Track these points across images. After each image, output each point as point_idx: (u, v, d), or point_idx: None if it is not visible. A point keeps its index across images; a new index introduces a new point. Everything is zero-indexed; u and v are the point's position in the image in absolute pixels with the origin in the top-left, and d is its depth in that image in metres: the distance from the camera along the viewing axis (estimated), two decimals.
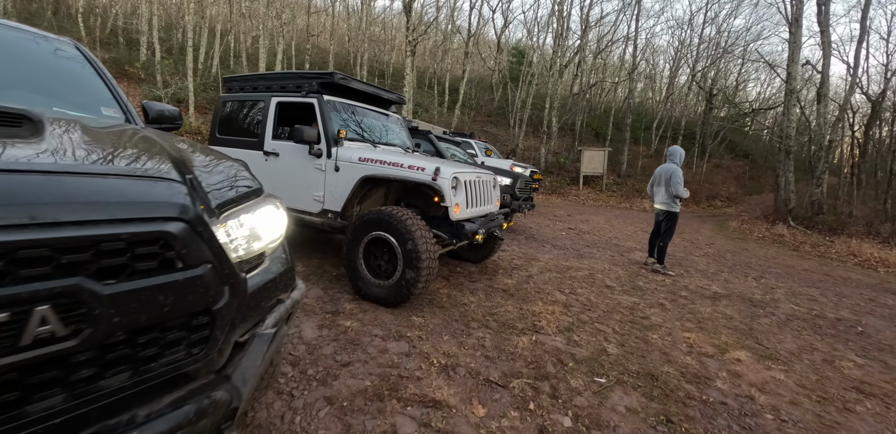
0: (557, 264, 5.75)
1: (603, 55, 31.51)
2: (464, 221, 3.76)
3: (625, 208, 17.29)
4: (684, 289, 5.26)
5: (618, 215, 13.65)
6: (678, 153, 6.07)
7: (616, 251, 7.27)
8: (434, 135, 8.12)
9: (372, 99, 5.04)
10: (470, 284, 4.42)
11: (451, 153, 7.91)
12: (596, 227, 10.04)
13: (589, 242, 7.88)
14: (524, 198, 7.60)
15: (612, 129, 24.30)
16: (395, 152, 4.34)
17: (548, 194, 17.86)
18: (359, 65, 25.02)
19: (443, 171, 3.59)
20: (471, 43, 22.80)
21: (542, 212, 12.01)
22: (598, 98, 32.81)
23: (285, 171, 4.59)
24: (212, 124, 5.51)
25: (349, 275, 3.77)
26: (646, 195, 19.76)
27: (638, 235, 9.51)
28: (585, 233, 9.03)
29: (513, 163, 10.75)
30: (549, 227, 9.29)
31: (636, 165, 22.91)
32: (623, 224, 11.39)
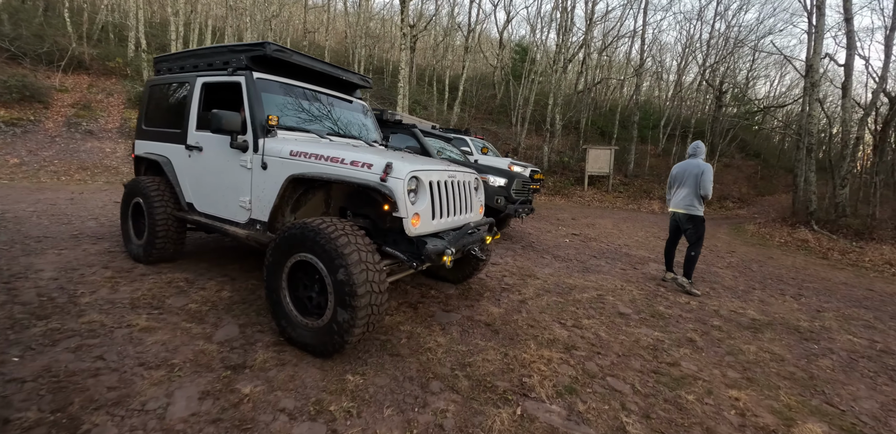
0: (558, 282, 4.70)
1: (608, 52, 30.33)
2: (427, 237, 2.73)
3: (633, 210, 16.16)
4: (715, 314, 4.20)
5: (626, 218, 12.55)
6: (701, 148, 5.07)
7: (627, 263, 6.20)
8: (419, 129, 7.10)
9: (327, 80, 4.02)
10: (443, 315, 3.38)
11: (440, 150, 6.89)
12: (603, 233, 8.97)
13: (596, 252, 6.81)
14: (522, 200, 6.56)
15: (618, 127, 23.13)
16: (346, 146, 3.32)
17: (551, 195, 16.77)
18: (356, 61, 24.04)
19: (396, 168, 2.57)
20: (471, 38, 21.73)
21: (543, 215, 10.94)
22: (603, 96, 31.63)
23: (209, 170, 3.58)
24: (139, 115, 4.53)
25: (271, 310, 2.75)
26: (654, 196, 18.61)
27: (650, 242, 8.42)
28: (591, 239, 7.96)
29: (511, 161, 9.71)
30: (551, 233, 8.23)
31: (644, 165, 21.74)
32: (632, 228, 10.29)
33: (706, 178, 4.75)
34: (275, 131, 3.19)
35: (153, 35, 20.96)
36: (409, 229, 2.59)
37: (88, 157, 12.39)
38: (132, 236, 4.24)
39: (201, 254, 4.61)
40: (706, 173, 4.75)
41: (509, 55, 29.48)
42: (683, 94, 31.26)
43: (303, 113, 3.61)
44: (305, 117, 3.60)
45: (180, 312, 3.09)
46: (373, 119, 4.52)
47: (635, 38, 27.52)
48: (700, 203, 4.91)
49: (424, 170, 2.74)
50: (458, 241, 2.74)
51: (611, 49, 30.85)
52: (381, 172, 2.57)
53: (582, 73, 27.02)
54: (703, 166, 4.76)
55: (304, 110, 3.64)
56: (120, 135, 13.77)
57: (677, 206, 5.08)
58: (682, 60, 29.57)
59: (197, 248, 4.82)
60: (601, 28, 27.83)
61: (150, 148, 4.26)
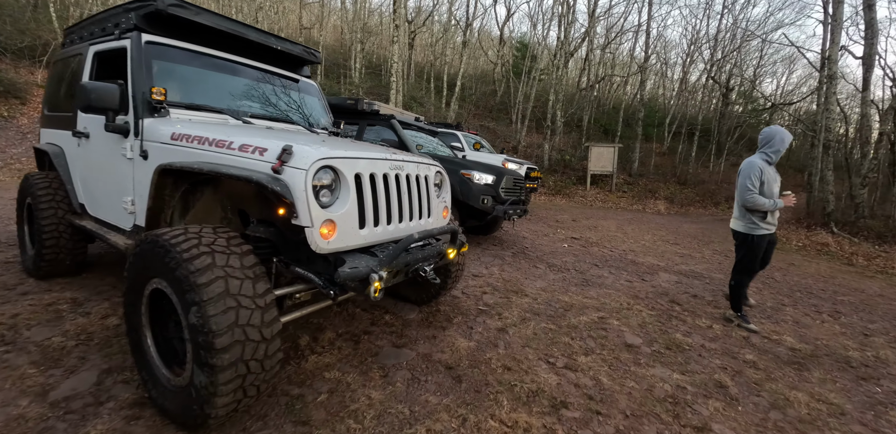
0: (551, 301, 3.85)
1: (611, 48, 29.39)
2: (350, 253, 1.90)
3: (637, 211, 15.25)
4: (746, 343, 3.33)
5: (630, 220, 11.65)
6: (769, 136, 3.59)
7: (634, 273, 5.33)
8: (399, 120, 6.27)
9: (259, 51, 3.19)
10: (391, 354, 2.54)
11: (420, 144, 6.06)
12: (606, 236, 8.09)
13: (598, 259, 5.94)
14: (513, 200, 5.71)
15: (621, 125, 22.19)
16: (259, 130, 2.49)
17: (551, 195, 15.89)
18: (353, 57, 23.25)
19: (298, 154, 1.74)
20: (469, 33, 20.86)
21: (541, 216, 10.08)
22: (606, 94, 30.68)
23: (94, 162, 2.76)
24: (43, 99, 3.74)
25: (132, 354, 1.93)
26: (660, 196, 17.68)
27: (659, 247, 7.54)
28: (593, 244, 7.09)
29: (506, 158, 8.87)
30: (548, 237, 7.37)
31: (648, 163, 20.80)
32: (638, 231, 9.40)
33: (739, 181, 3.61)
34: (166, 110, 2.37)
35: None
36: (316, 243, 1.75)
37: None
38: (28, 244, 3.44)
39: (119, 266, 3.79)
40: (740, 174, 3.61)
41: (510, 52, 28.60)
42: (689, 91, 30.29)
43: (216, 89, 2.79)
44: (218, 94, 2.78)
45: (34, 349, 2.28)
46: (323, 102, 3.69)
47: (639, 32, 26.60)
48: (742, 214, 3.66)
49: (347, 157, 1.90)
50: (393, 259, 1.90)
51: (614, 45, 29.92)
52: (276, 159, 1.74)
53: (584, 70, 26.10)
54: (745, 165, 3.62)
55: (219, 86, 2.82)
56: None
57: (732, 217, 3.89)
58: (687, 57, 28.58)
59: (121, 259, 4.01)
60: (604, 24, 26.93)
61: (49, 137, 3.47)
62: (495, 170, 5.59)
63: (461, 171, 5.31)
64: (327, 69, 23.76)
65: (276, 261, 1.97)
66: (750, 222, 3.59)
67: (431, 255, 2.25)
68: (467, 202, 5.20)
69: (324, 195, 1.80)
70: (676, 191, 18.67)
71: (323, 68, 23.37)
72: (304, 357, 2.38)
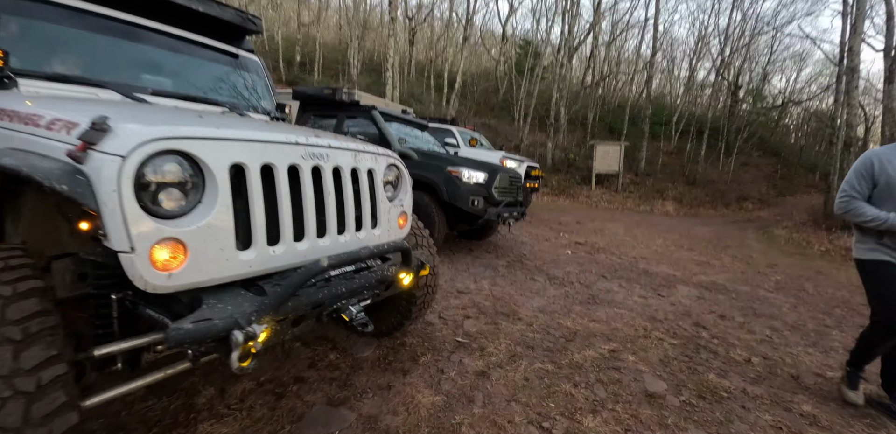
0: (549, 326, 3.12)
1: (617, 45, 28.59)
2: (214, 292, 1.19)
3: (645, 212, 14.47)
4: (796, 385, 2.59)
5: (639, 222, 10.88)
6: None
7: (649, 286, 4.59)
8: (380, 111, 5.56)
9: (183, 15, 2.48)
10: (321, 417, 1.80)
11: (403, 138, 5.35)
12: (613, 241, 7.34)
13: (606, 268, 5.21)
14: (509, 202, 4.98)
15: (627, 123, 21.40)
16: (117, 105, 1.78)
17: (554, 195, 15.14)
18: (352, 54, 22.58)
19: (115, 133, 1.03)
20: (470, 28, 20.15)
21: (543, 218, 9.34)
22: (612, 92, 29.87)
23: None
24: None
25: None
26: (668, 196, 16.88)
27: (672, 253, 6.78)
28: (600, 250, 6.34)
29: (504, 155, 8.15)
30: (550, 242, 6.64)
31: (656, 163, 19.98)
32: (648, 235, 8.64)
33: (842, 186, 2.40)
34: (12, 80, 1.67)
35: None
36: (143, 278, 1.04)
37: None
38: None
39: None
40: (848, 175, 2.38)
41: (513, 50, 27.87)
42: (696, 89, 29.44)
43: (103, 57, 2.09)
44: (106, 64, 2.08)
45: None
46: (266, 81, 2.98)
47: (646, 28, 25.79)
48: (861, 234, 2.37)
49: (213, 138, 1.19)
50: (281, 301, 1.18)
51: (619, 42, 29.11)
52: (79, 139, 1.03)
53: (589, 68, 25.33)
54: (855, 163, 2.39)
55: (108, 54, 2.12)
56: None
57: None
58: (695, 54, 27.70)
59: None
60: (610, 19, 26.12)
61: None
62: (488, 167, 4.86)
63: (448, 168, 4.59)
64: (325, 67, 23.13)
65: (115, 298, 1.27)
66: (860, 241, 2.37)
67: (366, 287, 1.54)
68: (454, 204, 4.49)
69: (167, 198, 1.10)
70: (685, 191, 17.86)
71: (320, 66, 22.75)
72: (193, 424, 1.67)
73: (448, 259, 4.84)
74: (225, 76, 2.71)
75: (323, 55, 24.42)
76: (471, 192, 4.51)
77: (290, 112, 2.93)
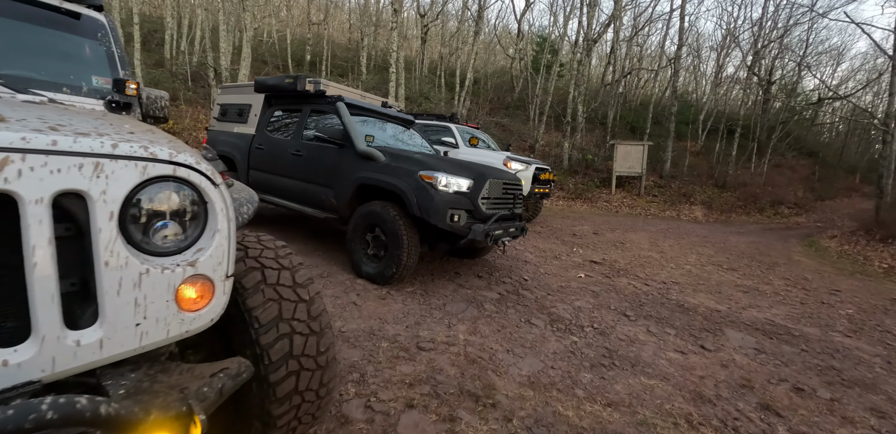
0: (539, 420, 1.99)
1: (639, 41, 26.96)
2: None
3: (671, 218, 13.06)
4: None
5: (665, 231, 9.55)
6: None
7: (686, 330, 3.40)
8: (350, 103, 4.53)
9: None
10: None
11: (370, 135, 4.30)
12: (637, 258, 6.11)
13: (629, 301, 4.03)
14: (502, 216, 3.86)
15: (651, 122, 19.86)
16: None
17: (570, 199, 13.85)
18: (363, 51, 21.70)
19: None
20: (480, 22, 18.93)
21: (555, 227, 8.15)
22: (633, 90, 28.24)
23: None
24: None
25: None
26: (696, 201, 15.38)
27: (710, 275, 5.52)
28: (620, 272, 5.14)
29: (509, 156, 7.00)
30: (560, 261, 5.47)
31: (682, 164, 18.41)
32: (678, 248, 7.36)
33: None
34: None
35: (152, 30, 19.28)
36: None
37: None
38: None
39: None
40: None
41: (529, 47, 26.56)
42: (724, 85, 27.59)
43: None
44: None
45: None
46: (109, 49, 1.95)
47: (670, 21, 24.17)
48: None
49: None
50: None
51: (642, 37, 27.48)
52: None
53: (610, 64, 23.82)
54: None
55: None
56: None
57: None
58: (723, 49, 25.86)
59: None
60: (631, 13, 24.56)
61: None
62: (474, 171, 3.73)
63: (420, 172, 3.50)
64: (334, 66, 22.33)
65: None
66: None
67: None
68: (426, 220, 3.40)
69: None
70: (714, 195, 16.30)
71: (329, 65, 21.95)
72: None
73: (422, 288, 3.75)
74: (38, 41, 1.71)
75: (334, 54, 23.64)
76: (448, 204, 3.41)
77: (139, 91, 1.88)
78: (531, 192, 6.94)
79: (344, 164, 4.10)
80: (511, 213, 4.00)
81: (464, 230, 3.49)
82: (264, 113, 5.41)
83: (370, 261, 3.85)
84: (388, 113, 5.08)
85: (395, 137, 4.91)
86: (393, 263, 3.58)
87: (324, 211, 4.38)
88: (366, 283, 3.75)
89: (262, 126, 5.34)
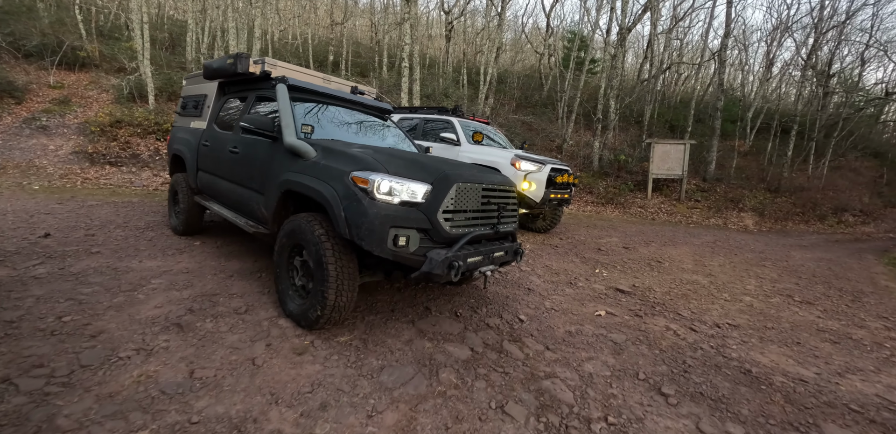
0: None
1: (678, 33, 24.84)
2: None
3: (717, 227, 11.35)
4: None
5: (711, 244, 8.00)
6: None
7: (760, 423, 2.10)
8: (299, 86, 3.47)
9: None
10: None
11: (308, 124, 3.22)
12: (678, 284, 4.74)
13: (668, 360, 2.74)
14: (476, 235, 2.66)
15: (692, 120, 17.93)
16: None
17: (600, 205, 12.35)
18: (383, 53, 20.88)
19: None
20: (503, 10, 17.58)
21: (578, 240, 6.82)
22: (672, 87, 26.09)
23: None
24: None
25: None
26: (745, 207, 13.50)
27: (778, 310, 4.09)
28: (656, 308, 3.81)
29: (519, 154, 5.74)
30: (575, 288, 4.19)
31: (728, 165, 16.41)
32: (730, 269, 5.88)
33: None
34: None
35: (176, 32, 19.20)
36: None
37: (21, 155, 10.13)
38: None
39: None
40: None
41: (559, 43, 25.00)
42: (777, 79, 25.08)
43: None
44: None
45: None
46: None
47: (716, 7, 22.03)
48: None
49: None
50: None
51: (682, 30, 25.33)
52: None
53: (647, 59, 21.94)
54: None
55: None
56: (78, 131, 11.52)
57: None
58: (773, 40, 23.42)
59: None
60: (670, 3, 22.58)
61: None
62: (434, 171, 2.53)
63: (352, 173, 2.37)
64: (355, 65, 21.60)
65: None
66: None
67: None
68: (358, 243, 2.26)
69: None
70: (766, 200, 14.32)
71: (350, 64, 21.24)
72: None
73: (364, 335, 2.61)
74: None
75: (357, 53, 22.98)
76: (389, 220, 2.25)
77: None
78: (545, 198, 5.67)
79: (274, 162, 3.03)
80: (496, 231, 2.79)
81: (414, 259, 2.33)
82: (216, 103, 4.44)
83: (297, 295, 2.76)
84: (357, 100, 3.98)
85: (361, 130, 3.80)
86: (317, 303, 2.47)
87: (256, 223, 3.33)
88: (288, 327, 2.66)
89: (211, 119, 4.38)
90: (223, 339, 2.52)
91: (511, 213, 2.96)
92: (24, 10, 16.14)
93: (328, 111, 3.67)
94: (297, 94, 3.52)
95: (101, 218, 5.63)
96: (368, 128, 3.87)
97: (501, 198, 2.84)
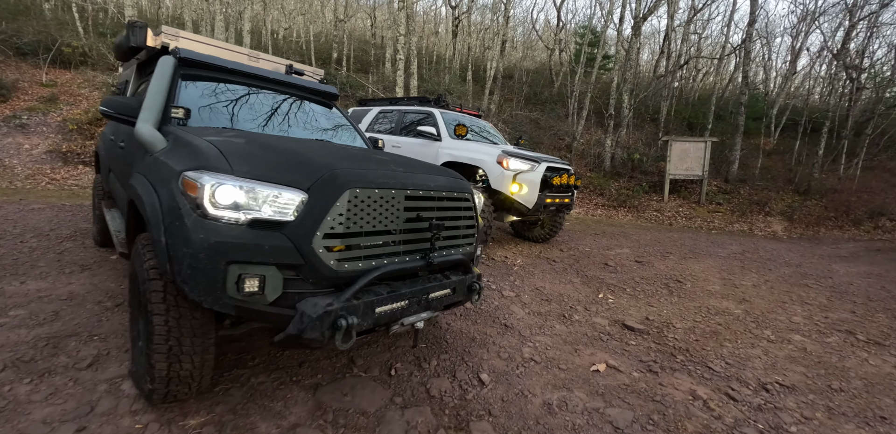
0: None
1: (697, 27, 23.48)
2: None
3: (742, 234, 10.17)
4: None
5: (739, 255, 6.88)
6: None
7: None
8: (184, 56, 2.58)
9: None
10: None
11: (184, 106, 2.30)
12: (704, 315, 3.71)
13: None
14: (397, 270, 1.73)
15: (713, 117, 16.63)
16: None
17: (611, 208, 11.25)
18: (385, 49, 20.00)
19: None
20: (510, 4, 16.54)
21: (583, 251, 5.81)
22: (690, 83, 24.69)
23: None
24: None
25: None
26: (773, 211, 12.24)
27: (843, 358, 3.04)
28: (676, 355, 2.81)
29: (507, 151, 4.74)
30: (569, 324, 3.21)
31: (753, 165, 15.10)
32: (766, 289, 4.80)
33: None
34: None
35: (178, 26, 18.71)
36: None
37: None
38: None
39: None
40: None
41: (570, 39, 23.84)
42: (801, 73, 23.51)
43: None
44: None
45: None
46: None
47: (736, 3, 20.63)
48: None
49: None
50: None
51: (700, 24, 23.96)
52: None
53: (663, 53, 20.65)
54: None
55: None
56: (58, 130, 10.93)
57: None
58: (798, 32, 21.85)
59: None
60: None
61: None
62: (317, 169, 1.59)
63: (183, 174, 1.46)
64: (356, 60, 20.81)
65: None
66: None
67: None
68: (181, 287, 1.35)
69: None
70: (795, 203, 13.01)
71: (351, 61, 20.45)
72: None
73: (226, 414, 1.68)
74: None
75: (361, 49, 22.22)
76: (225, 252, 1.33)
77: None
78: (540, 203, 4.67)
79: (135, 159, 2.15)
80: (427, 264, 1.83)
81: (275, 314, 1.40)
82: (132, 89, 3.60)
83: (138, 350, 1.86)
84: (289, 81, 3.08)
85: (285, 118, 2.89)
86: (145, 371, 1.57)
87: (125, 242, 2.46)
88: (131, 394, 1.77)
89: None
90: (28, 413, 1.65)
91: (461, 231, 2.00)
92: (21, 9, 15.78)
93: (238, 93, 2.77)
94: (196, 72, 2.64)
95: (29, 225, 4.86)
96: (296, 115, 2.96)
97: (441, 209, 1.88)
